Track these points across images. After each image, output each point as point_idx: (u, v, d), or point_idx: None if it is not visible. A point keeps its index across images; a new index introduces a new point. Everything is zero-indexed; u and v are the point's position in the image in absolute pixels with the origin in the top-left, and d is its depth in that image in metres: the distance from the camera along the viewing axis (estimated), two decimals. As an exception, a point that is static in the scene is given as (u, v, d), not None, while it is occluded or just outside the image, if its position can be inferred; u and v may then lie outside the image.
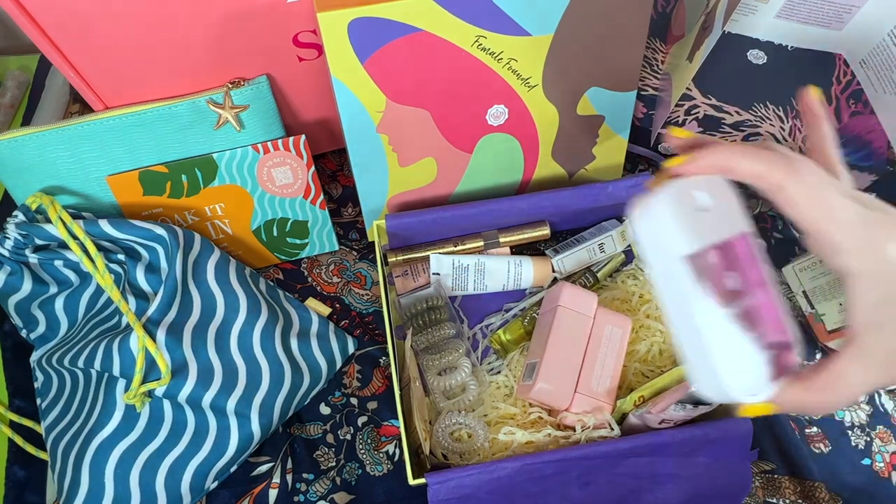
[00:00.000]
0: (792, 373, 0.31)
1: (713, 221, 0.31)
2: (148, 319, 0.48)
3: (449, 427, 0.51)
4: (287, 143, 0.53)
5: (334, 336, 0.57)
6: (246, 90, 0.51)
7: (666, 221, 0.31)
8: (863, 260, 0.29)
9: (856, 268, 0.29)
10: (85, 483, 0.46)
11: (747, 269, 0.31)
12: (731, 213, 0.32)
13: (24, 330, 0.54)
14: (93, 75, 0.49)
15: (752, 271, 0.31)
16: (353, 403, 0.56)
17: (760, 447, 0.53)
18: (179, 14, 0.46)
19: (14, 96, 0.69)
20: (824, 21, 0.48)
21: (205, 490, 0.50)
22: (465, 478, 0.46)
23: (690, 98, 0.57)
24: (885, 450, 0.54)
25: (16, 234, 0.49)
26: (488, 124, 0.54)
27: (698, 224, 0.31)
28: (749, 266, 0.31)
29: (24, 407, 0.54)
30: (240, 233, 0.58)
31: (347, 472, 0.53)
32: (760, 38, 0.51)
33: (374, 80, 0.48)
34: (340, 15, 0.44)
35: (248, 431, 0.49)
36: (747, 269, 0.31)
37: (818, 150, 0.33)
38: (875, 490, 0.53)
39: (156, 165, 0.52)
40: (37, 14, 0.43)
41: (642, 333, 0.56)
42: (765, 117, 0.56)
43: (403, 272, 0.59)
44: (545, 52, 0.50)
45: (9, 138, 0.49)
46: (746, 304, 0.31)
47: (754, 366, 0.31)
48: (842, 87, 0.52)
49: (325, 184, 0.66)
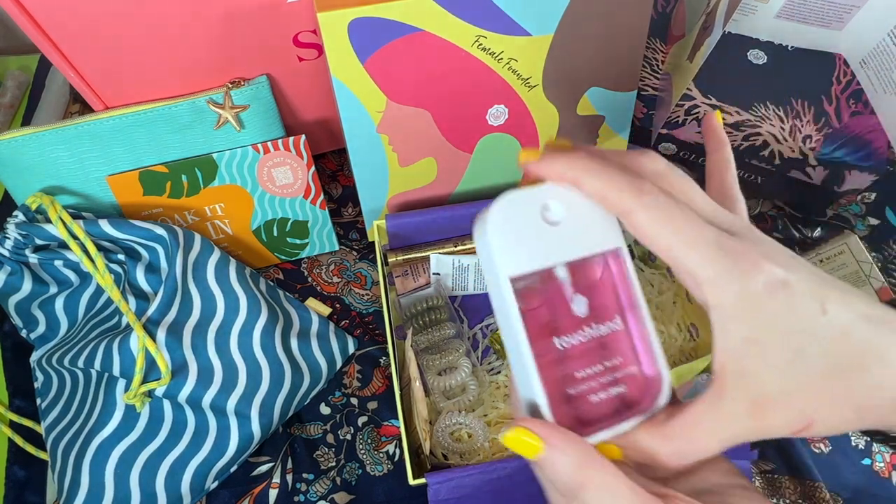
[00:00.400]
0: (641, 414, 0.27)
1: (570, 237, 0.27)
2: (148, 319, 0.48)
3: (449, 427, 0.51)
4: (287, 143, 0.53)
5: (334, 336, 0.57)
6: (246, 90, 0.51)
7: (498, 235, 0.26)
8: (723, 292, 0.24)
9: (715, 300, 0.24)
10: (85, 483, 0.46)
11: (606, 293, 0.27)
12: (601, 227, 0.27)
13: (24, 330, 0.54)
14: (93, 75, 0.49)
15: (610, 295, 0.27)
16: (354, 403, 0.56)
17: (760, 447, 0.53)
18: (179, 14, 0.46)
19: (14, 96, 0.69)
20: (824, 21, 0.48)
21: (205, 490, 0.50)
22: (465, 478, 0.46)
23: (691, 98, 0.57)
24: (885, 450, 0.54)
25: (16, 234, 0.49)
26: (488, 124, 0.54)
27: (546, 240, 0.27)
28: (609, 289, 0.27)
29: (24, 407, 0.54)
30: (240, 233, 0.58)
31: (347, 472, 0.53)
32: (761, 38, 0.51)
33: (374, 80, 0.48)
34: (340, 15, 0.44)
35: (248, 431, 0.49)
36: (606, 291, 0.27)
37: (717, 174, 0.30)
38: (875, 490, 0.53)
39: (156, 165, 0.52)
40: (37, 14, 0.43)
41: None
42: (765, 117, 0.56)
43: (403, 272, 0.59)
44: (545, 52, 0.50)
45: (9, 138, 0.49)
46: (598, 332, 0.27)
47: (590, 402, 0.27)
48: (842, 87, 0.52)
49: (325, 184, 0.66)
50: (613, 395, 0.27)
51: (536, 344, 0.26)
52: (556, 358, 0.27)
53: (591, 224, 0.27)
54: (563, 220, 0.27)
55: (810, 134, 0.55)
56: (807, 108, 0.54)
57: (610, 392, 0.27)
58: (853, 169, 0.56)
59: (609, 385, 0.27)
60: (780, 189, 0.62)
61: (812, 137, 0.55)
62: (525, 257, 0.26)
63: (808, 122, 0.54)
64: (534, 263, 0.27)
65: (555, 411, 0.26)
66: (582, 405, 0.27)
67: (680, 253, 0.25)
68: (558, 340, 0.27)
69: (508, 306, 0.26)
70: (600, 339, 0.27)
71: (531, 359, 0.26)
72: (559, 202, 0.27)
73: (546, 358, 0.26)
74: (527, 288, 0.27)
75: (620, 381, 0.27)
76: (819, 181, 0.59)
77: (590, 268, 0.27)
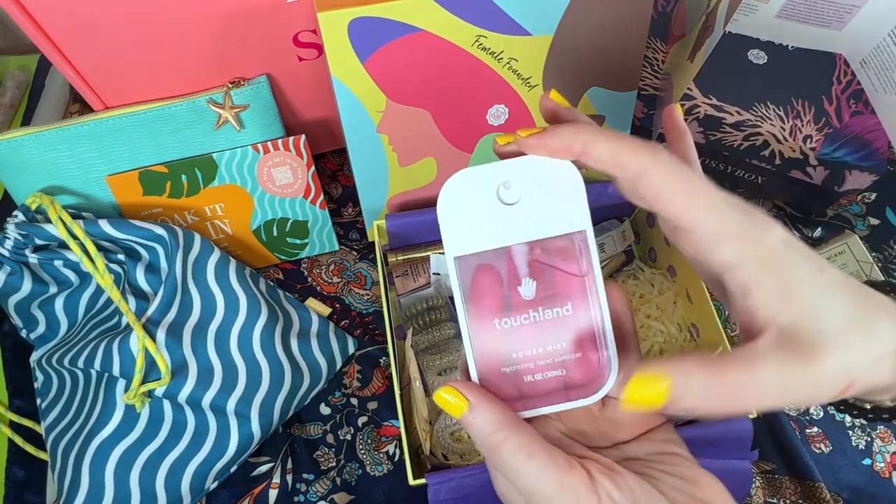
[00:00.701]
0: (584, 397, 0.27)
1: (527, 217, 0.27)
2: (148, 319, 0.48)
3: (449, 427, 0.51)
4: (287, 142, 0.53)
5: (334, 336, 0.57)
6: (246, 90, 0.51)
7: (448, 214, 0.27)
8: (749, 247, 0.24)
9: (742, 256, 0.24)
10: (85, 483, 0.46)
11: (561, 277, 0.27)
12: (563, 209, 0.27)
13: (24, 330, 0.54)
14: (93, 75, 0.49)
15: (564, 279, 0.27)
16: (354, 403, 0.56)
17: (760, 447, 0.53)
18: (179, 14, 0.46)
19: (14, 96, 0.69)
20: (824, 21, 0.48)
21: (205, 490, 0.50)
22: (466, 478, 0.46)
23: (691, 98, 0.57)
24: (886, 450, 0.54)
25: (16, 234, 0.49)
26: (489, 124, 0.54)
27: (500, 220, 0.27)
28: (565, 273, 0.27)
29: (24, 407, 0.54)
30: (240, 233, 0.58)
31: (347, 473, 0.53)
32: (761, 38, 0.51)
33: (374, 79, 0.48)
34: (340, 15, 0.44)
35: (248, 431, 0.49)
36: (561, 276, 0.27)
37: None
38: (876, 490, 0.53)
39: (156, 165, 0.52)
40: (37, 14, 0.43)
41: (642, 333, 0.56)
42: (765, 117, 0.56)
43: (403, 272, 0.59)
44: (545, 52, 0.50)
45: (9, 138, 0.49)
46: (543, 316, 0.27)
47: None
48: (842, 87, 0.52)
49: (325, 184, 0.66)
50: (550, 377, 0.28)
51: (476, 323, 0.27)
52: (494, 337, 0.27)
53: (551, 205, 0.27)
54: (520, 199, 0.27)
55: (811, 134, 0.55)
56: (807, 108, 0.54)
57: (547, 375, 0.28)
58: (853, 169, 0.56)
59: (548, 368, 0.28)
60: (780, 189, 0.62)
61: (812, 137, 0.55)
62: (475, 237, 0.27)
63: (809, 122, 0.54)
64: (483, 243, 0.27)
65: (484, 382, 0.27)
66: (516, 383, 0.28)
67: (699, 213, 0.25)
68: (499, 321, 0.27)
69: (452, 284, 0.27)
70: (544, 323, 0.27)
71: (468, 334, 0.27)
72: (518, 181, 0.27)
73: (484, 336, 0.27)
74: (473, 267, 0.27)
75: (561, 366, 0.28)
76: (819, 181, 0.59)
77: (544, 250, 0.27)
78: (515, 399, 0.27)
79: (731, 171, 0.62)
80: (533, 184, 0.27)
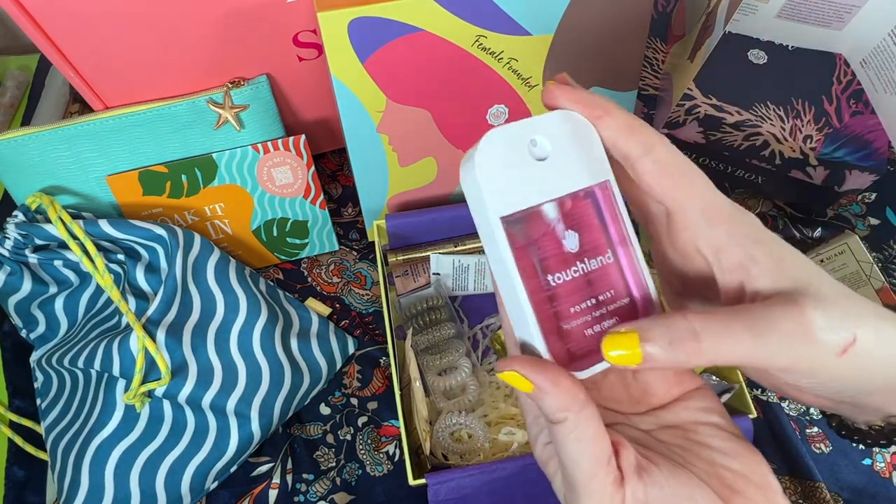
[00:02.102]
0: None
1: (557, 172, 0.27)
2: (148, 319, 0.48)
3: (449, 427, 0.51)
4: (287, 142, 0.53)
5: (334, 336, 0.57)
6: (246, 90, 0.51)
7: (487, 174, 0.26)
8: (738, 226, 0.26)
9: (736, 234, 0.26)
10: (85, 483, 0.46)
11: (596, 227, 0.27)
12: (587, 161, 0.27)
13: (24, 330, 0.54)
14: (93, 75, 0.49)
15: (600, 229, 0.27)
16: (353, 403, 0.56)
17: (760, 447, 0.53)
18: (179, 14, 0.46)
19: (14, 96, 0.69)
20: (825, 21, 0.48)
21: (205, 490, 0.50)
22: (465, 478, 0.46)
23: (691, 98, 0.57)
24: (886, 450, 0.54)
25: (16, 234, 0.49)
26: (489, 124, 0.54)
27: (534, 176, 0.26)
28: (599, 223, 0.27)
29: (24, 407, 0.54)
30: (240, 233, 0.58)
31: (347, 473, 0.53)
32: (761, 38, 0.51)
33: (374, 79, 0.48)
34: (340, 15, 0.44)
35: (248, 431, 0.49)
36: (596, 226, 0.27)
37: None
38: (876, 490, 0.53)
39: (156, 165, 0.52)
40: (37, 14, 0.43)
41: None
42: (765, 117, 0.56)
43: (403, 272, 0.59)
44: (545, 52, 0.50)
45: (9, 138, 0.49)
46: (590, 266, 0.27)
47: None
48: (842, 87, 0.52)
49: (325, 184, 0.66)
50: (606, 327, 0.27)
51: (529, 282, 0.26)
52: (549, 295, 0.27)
53: (577, 158, 0.27)
54: (549, 155, 0.27)
55: (811, 134, 0.55)
56: (807, 108, 0.54)
57: (603, 325, 0.27)
58: (854, 169, 0.56)
59: (602, 318, 0.27)
60: (780, 189, 0.62)
61: (812, 137, 0.55)
62: (515, 195, 0.26)
63: (809, 122, 0.54)
64: (524, 201, 0.26)
65: (550, 347, 0.26)
66: (575, 339, 0.27)
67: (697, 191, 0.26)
68: (551, 277, 0.27)
69: (501, 247, 0.26)
70: (592, 274, 0.27)
71: (526, 298, 0.26)
72: (545, 137, 0.27)
73: (539, 296, 0.27)
74: (518, 226, 0.26)
75: (613, 314, 0.28)
76: (819, 181, 0.59)
77: (579, 203, 0.27)
78: (576, 359, 0.27)
79: (731, 171, 0.62)
80: (558, 139, 0.27)
